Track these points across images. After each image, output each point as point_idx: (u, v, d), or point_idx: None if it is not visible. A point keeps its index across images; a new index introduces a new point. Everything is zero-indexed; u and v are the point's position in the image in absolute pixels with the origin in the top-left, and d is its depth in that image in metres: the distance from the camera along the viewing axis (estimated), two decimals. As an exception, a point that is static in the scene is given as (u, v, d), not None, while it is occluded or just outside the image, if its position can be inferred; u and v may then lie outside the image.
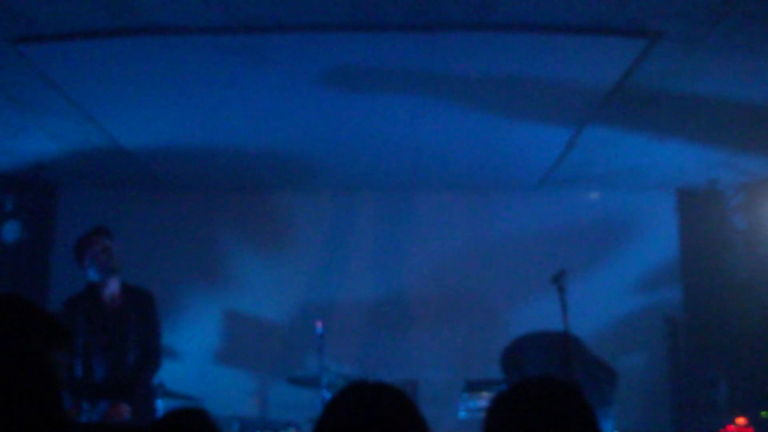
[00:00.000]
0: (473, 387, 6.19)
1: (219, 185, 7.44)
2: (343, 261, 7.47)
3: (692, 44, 4.29)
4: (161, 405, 5.69)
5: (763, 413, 6.19)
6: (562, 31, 4.20)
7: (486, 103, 5.30)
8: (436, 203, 7.51)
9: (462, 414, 6.07)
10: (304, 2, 3.96)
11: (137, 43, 4.34)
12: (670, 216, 7.45)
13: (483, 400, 6.10)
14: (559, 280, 5.09)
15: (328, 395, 5.71)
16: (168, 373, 5.73)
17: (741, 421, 6.25)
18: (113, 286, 5.15)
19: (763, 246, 6.86)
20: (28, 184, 6.96)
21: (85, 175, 7.10)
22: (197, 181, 7.33)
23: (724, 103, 5.17)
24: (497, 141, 6.09)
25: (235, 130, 5.85)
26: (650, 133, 5.85)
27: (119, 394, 4.78)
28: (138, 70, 4.74)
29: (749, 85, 4.89)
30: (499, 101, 5.26)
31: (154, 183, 7.26)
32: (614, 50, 4.42)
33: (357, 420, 1.85)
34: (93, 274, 5.13)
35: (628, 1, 3.85)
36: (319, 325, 5.89)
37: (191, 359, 7.03)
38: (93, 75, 4.83)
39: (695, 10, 3.92)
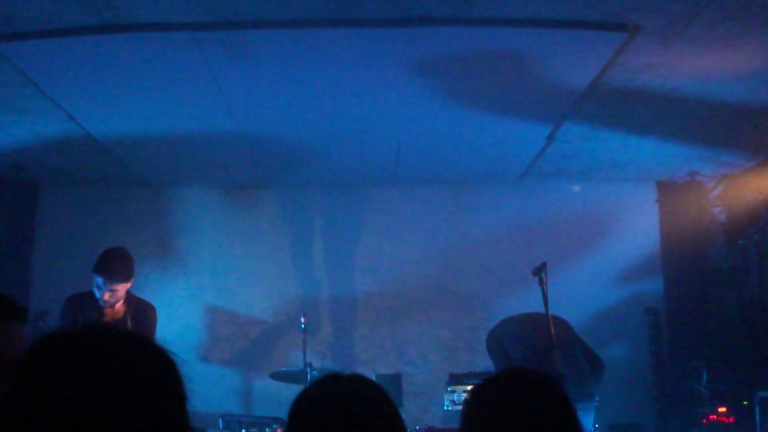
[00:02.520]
0: (457, 380, 6.22)
1: (200, 182, 7.41)
2: (326, 256, 7.47)
3: (671, 39, 4.33)
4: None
5: (745, 402, 6.25)
6: (542, 26, 4.22)
7: (466, 97, 5.31)
8: (418, 197, 7.52)
9: (446, 407, 6.10)
10: (284, -2, 3.95)
11: (116, 40, 4.32)
12: (651, 208, 7.51)
13: (467, 392, 6.12)
14: (540, 272, 5.10)
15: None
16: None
17: (723, 410, 6.31)
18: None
19: (742, 236, 6.93)
20: (8, 183, 6.90)
21: (65, 174, 7.05)
22: (178, 177, 7.30)
23: (703, 97, 5.21)
24: (478, 135, 6.10)
25: (215, 127, 5.82)
26: (630, 126, 5.88)
27: None
28: (117, 66, 4.71)
29: (727, 80, 4.93)
30: (479, 95, 5.27)
31: (135, 181, 7.22)
32: (593, 44, 4.44)
33: (333, 412, 1.84)
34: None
35: (607, -5, 3.88)
36: (302, 320, 5.89)
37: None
38: (72, 72, 4.80)
39: (674, 5, 3.95)
